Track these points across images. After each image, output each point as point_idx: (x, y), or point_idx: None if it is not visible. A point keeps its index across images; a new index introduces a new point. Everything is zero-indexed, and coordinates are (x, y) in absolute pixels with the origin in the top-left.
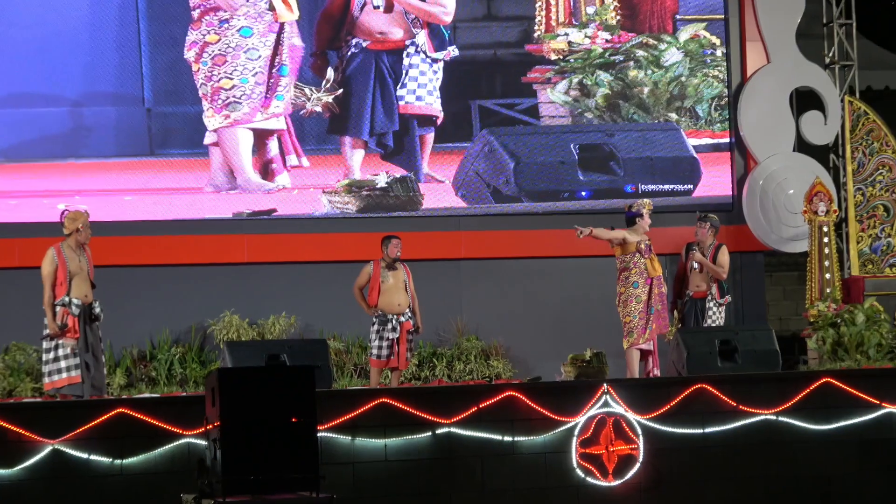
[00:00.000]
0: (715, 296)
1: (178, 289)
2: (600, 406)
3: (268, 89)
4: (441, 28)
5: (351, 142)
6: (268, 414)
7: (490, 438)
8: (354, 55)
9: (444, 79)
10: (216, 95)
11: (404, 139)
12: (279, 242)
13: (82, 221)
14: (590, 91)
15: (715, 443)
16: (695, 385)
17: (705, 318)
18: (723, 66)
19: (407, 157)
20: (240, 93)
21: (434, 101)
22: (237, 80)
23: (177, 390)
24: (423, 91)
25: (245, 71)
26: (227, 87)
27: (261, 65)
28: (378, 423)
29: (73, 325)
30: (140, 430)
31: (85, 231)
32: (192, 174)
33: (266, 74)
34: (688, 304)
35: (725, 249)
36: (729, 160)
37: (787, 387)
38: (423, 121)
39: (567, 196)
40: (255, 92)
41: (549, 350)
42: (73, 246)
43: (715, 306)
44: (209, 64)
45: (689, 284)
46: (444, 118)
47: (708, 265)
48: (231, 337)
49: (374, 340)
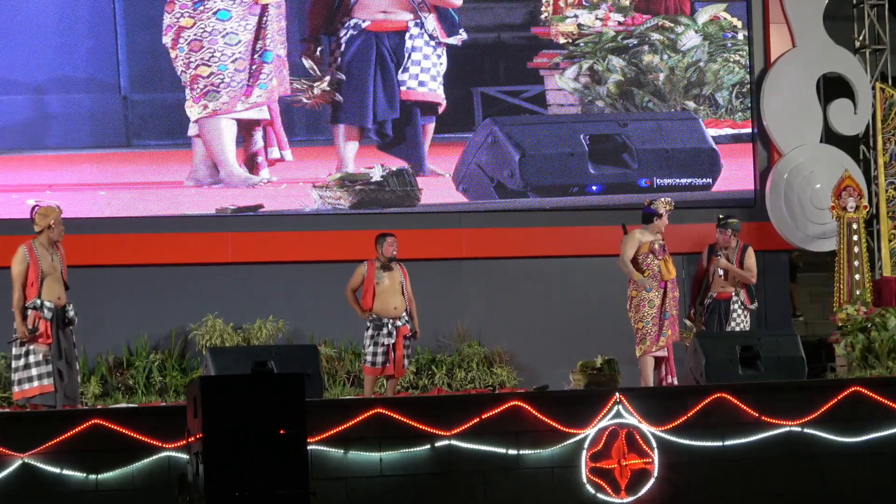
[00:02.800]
0: (744, 301)
1: (157, 291)
2: (612, 417)
3: (250, 76)
4: (450, 11)
5: (345, 132)
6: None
7: (493, 452)
8: (353, 37)
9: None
10: (194, 83)
11: (405, 128)
12: (266, 241)
13: (54, 217)
14: (601, 77)
15: (735, 456)
16: (714, 394)
17: (729, 320)
18: (744, 51)
19: (408, 147)
20: (218, 80)
21: (438, 88)
22: (215, 66)
23: (156, 400)
24: (427, 76)
25: (224, 57)
26: (205, 74)
27: (241, 50)
28: (373, 435)
29: (45, 330)
30: (116, 443)
31: (57, 228)
32: (172, 167)
33: (248, 61)
34: (711, 305)
35: (752, 251)
36: (751, 152)
37: (813, 396)
38: (423, 109)
39: (576, 191)
40: (236, 79)
41: (556, 357)
42: (45, 244)
43: (741, 309)
44: (186, 50)
45: (712, 287)
46: (446, 106)
47: (735, 272)
48: (214, 343)
49: (368, 346)
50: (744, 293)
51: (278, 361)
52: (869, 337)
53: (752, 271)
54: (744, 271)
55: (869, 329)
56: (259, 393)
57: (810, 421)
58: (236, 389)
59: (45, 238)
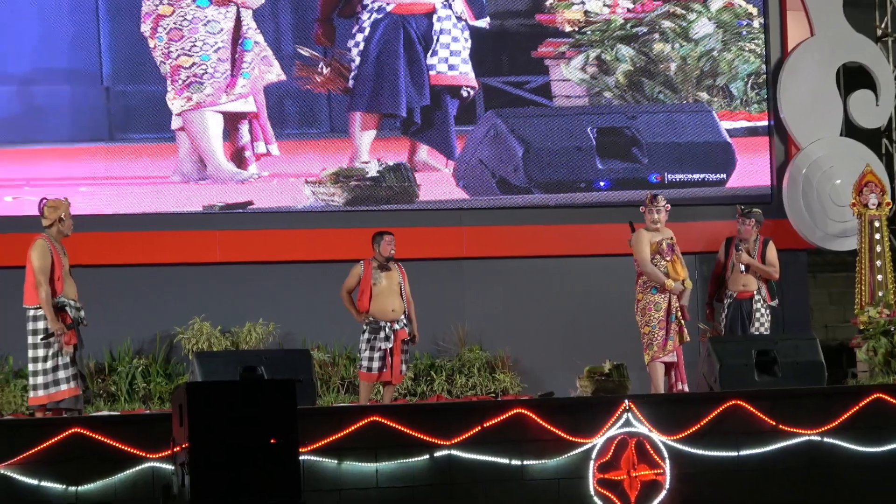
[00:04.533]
0: (765, 297)
1: (140, 292)
2: (621, 426)
3: (233, 66)
4: None
5: (361, 120)
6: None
7: (495, 462)
8: (378, 21)
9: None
10: (176, 75)
11: (434, 114)
12: (256, 239)
13: (64, 210)
14: (609, 67)
15: (751, 467)
16: (728, 401)
17: (752, 321)
18: (760, 39)
19: (437, 134)
20: (201, 71)
21: (469, 71)
22: (196, 57)
23: (139, 407)
24: (458, 59)
25: (206, 46)
26: (187, 65)
27: (223, 39)
28: (368, 444)
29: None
30: (98, 453)
31: (68, 221)
32: (157, 162)
33: (230, 50)
34: (732, 305)
35: (773, 245)
36: (767, 146)
37: (833, 404)
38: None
39: (583, 187)
40: (219, 70)
41: (562, 362)
42: (56, 238)
43: (763, 307)
44: (165, 39)
45: (731, 285)
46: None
47: (758, 266)
48: (201, 347)
49: (364, 351)
50: (765, 289)
51: (269, 367)
52: (892, 341)
53: (775, 266)
54: (766, 266)
55: (892, 332)
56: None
57: (830, 430)
58: (224, 396)
59: (56, 232)
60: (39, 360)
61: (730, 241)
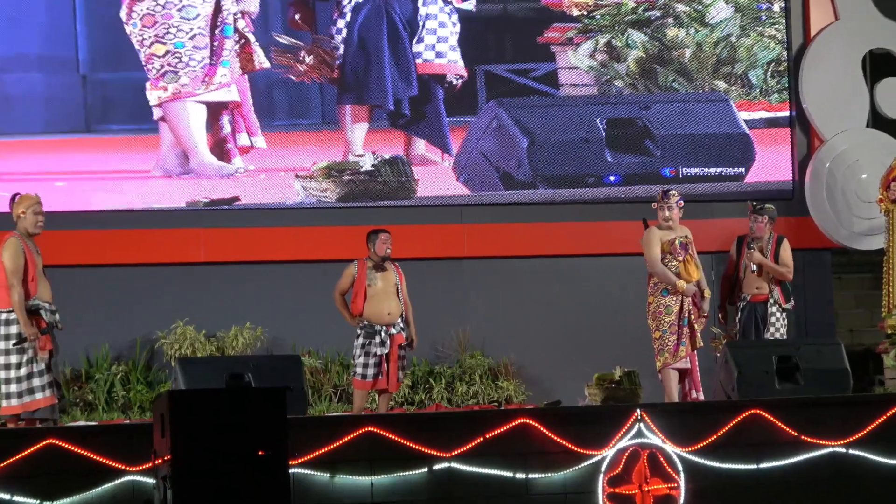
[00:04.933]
0: (779, 300)
1: (119, 294)
2: (632, 436)
3: (211, 54)
4: None
5: (351, 112)
6: (229, 446)
7: (498, 476)
8: (360, 5)
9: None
10: (150, 64)
11: (424, 105)
12: (243, 238)
13: (29, 205)
14: (620, 54)
15: (772, 481)
16: (747, 411)
17: (767, 325)
18: (781, 24)
19: (429, 126)
20: (175, 60)
21: (458, 59)
22: (170, 44)
23: (118, 417)
24: (445, 46)
25: (180, 33)
26: (160, 53)
27: (200, 25)
28: (363, 456)
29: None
30: (74, 466)
31: (31, 217)
32: (138, 155)
33: (208, 36)
34: (745, 309)
35: (787, 244)
36: (788, 138)
37: (859, 413)
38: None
39: (592, 181)
40: (195, 58)
41: (570, 368)
42: (27, 236)
43: (778, 311)
44: (139, 25)
45: (744, 287)
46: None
47: (770, 266)
48: (184, 353)
49: (358, 357)
50: (778, 291)
51: (256, 374)
52: None
53: (789, 266)
54: (779, 266)
55: None
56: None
57: (856, 441)
58: (209, 405)
59: (23, 229)
60: (12, 366)
61: (742, 239)
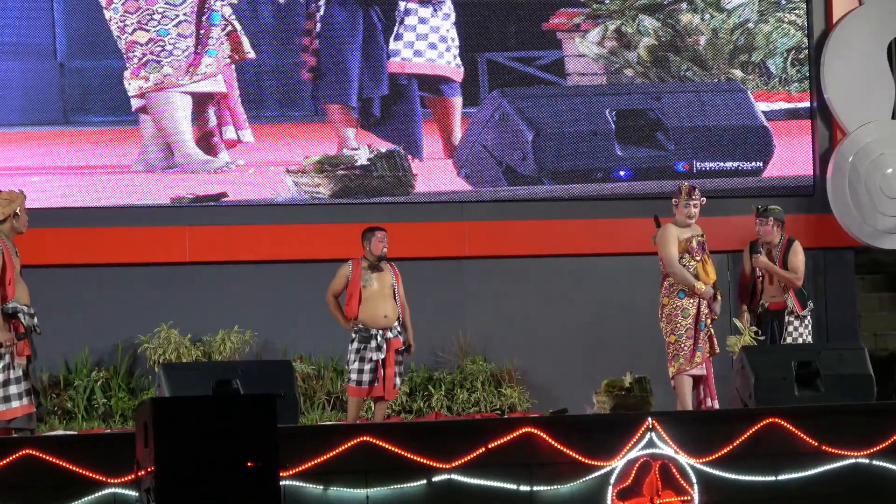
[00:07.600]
0: (794, 308)
1: (100, 296)
2: (643, 446)
3: (197, 43)
4: None
5: (339, 110)
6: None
7: (502, 488)
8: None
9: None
10: (131, 52)
11: (393, 106)
12: (230, 236)
13: (20, 204)
14: (630, 41)
15: (791, 493)
16: (765, 419)
17: (784, 335)
18: (802, 9)
19: (396, 127)
20: (159, 48)
21: (452, 59)
22: (154, 31)
23: (99, 426)
24: (423, 44)
25: (165, 20)
26: (143, 41)
27: (186, 11)
28: (358, 467)
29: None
30: (52, 477)
31: (23, 217)
32: (119, 148)
33: (194, 24)
34: (763, 316)
35: (798, 247)
36: (809, 130)
37: (883, 422)
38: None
39: (601, 176)
40: (180, 46)
41: (577, 375)
42: (9, 235)
43: (796, 319)
44: (120, 11)
45: (759, 294)
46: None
47: (778, 272)
48: (168, 358)
49: (352, 363)
50: (793, 298)
51: (245, 380)
52: None
53: (798, 272)
54: (787, 272)
55: None
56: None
57: (880, 451)
58: (195, 414)
59: (9, 228)
60: None
61: (752, 244)
